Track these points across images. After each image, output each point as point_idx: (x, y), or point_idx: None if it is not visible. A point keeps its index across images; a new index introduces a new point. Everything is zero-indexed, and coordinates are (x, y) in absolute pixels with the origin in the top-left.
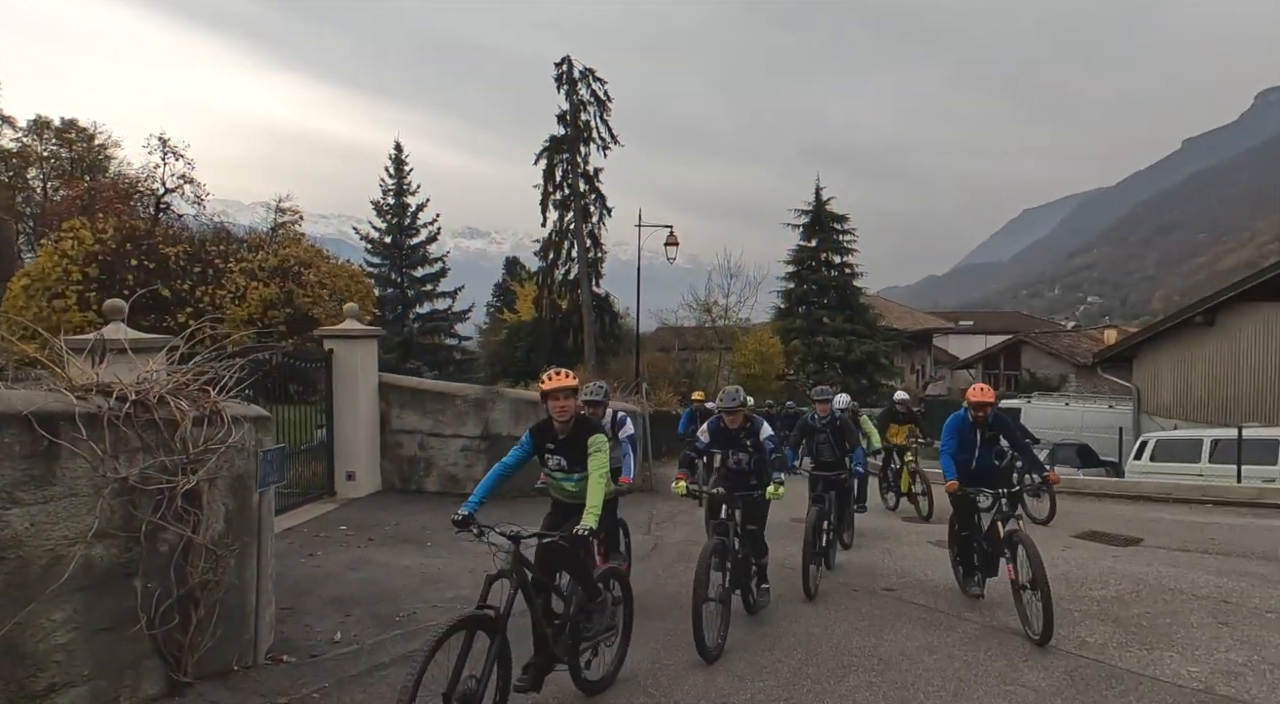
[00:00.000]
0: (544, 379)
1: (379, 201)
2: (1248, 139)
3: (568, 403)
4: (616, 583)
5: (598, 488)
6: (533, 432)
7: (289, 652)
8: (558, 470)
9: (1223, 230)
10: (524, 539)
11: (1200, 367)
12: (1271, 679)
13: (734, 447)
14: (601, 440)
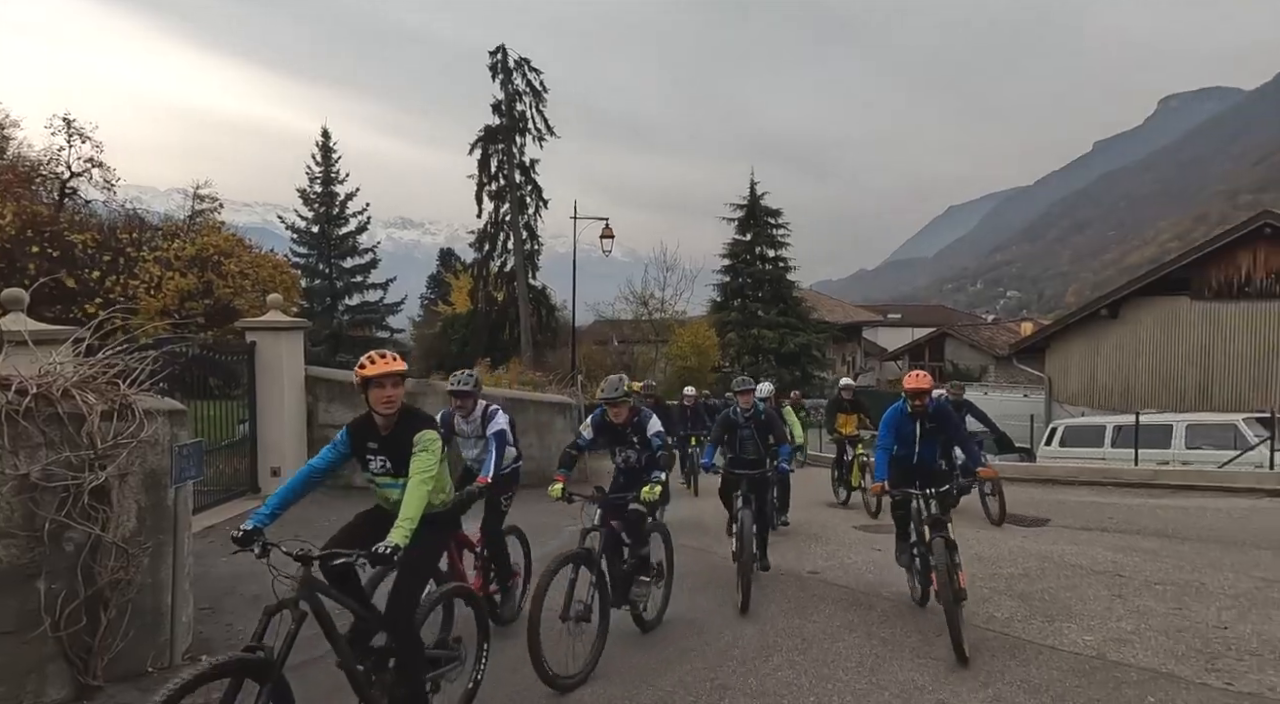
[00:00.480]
0: (363, 363)
1: (306, 190)
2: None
3: (393, 392)
4: (464, 603)
5: (414, 496)
6: (351, 428)
7: (209, 652)
8: (382, 475)
9: (1129, 228)
10: (317, 560)
11: (1105, 356)
12: (1155, 645)
13: (621, 443)
14: (430, 438)
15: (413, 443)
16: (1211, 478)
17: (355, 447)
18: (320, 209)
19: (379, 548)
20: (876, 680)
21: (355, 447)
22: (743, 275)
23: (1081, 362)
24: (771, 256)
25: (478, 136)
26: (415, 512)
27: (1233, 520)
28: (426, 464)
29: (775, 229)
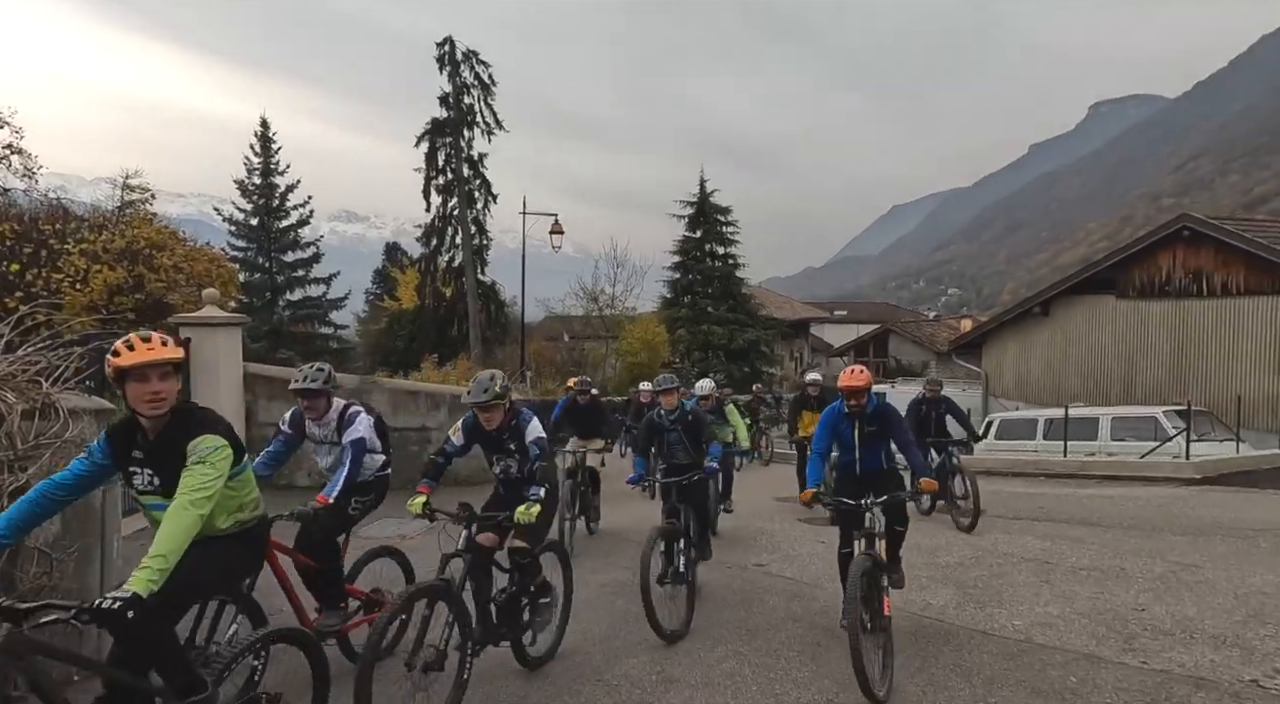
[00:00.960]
0: (117, 348)
1: (244, 181)
2: (1083, 146)
3: (161, 387)
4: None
5: (175, 525)
6: (110, 433)
7: None
8: (149, 493)
9: (1062, 229)
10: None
11: (1037, 352)
12: (1078, 627)
13: (498, 451)
14: (211, 446)
15: (186, 453)
16: (1133, 468)
17: (117, 456)
18: (259, 201)
19: (102, 600)
20: (818, 669)
21: (117, 456)
22: (693, 272)
23: (1016, 357)
24: (721, 254)
25: (425, 129)
26: (172, 546)
27: (1152, 508)
28: (201, 481)
29: (725, 226)
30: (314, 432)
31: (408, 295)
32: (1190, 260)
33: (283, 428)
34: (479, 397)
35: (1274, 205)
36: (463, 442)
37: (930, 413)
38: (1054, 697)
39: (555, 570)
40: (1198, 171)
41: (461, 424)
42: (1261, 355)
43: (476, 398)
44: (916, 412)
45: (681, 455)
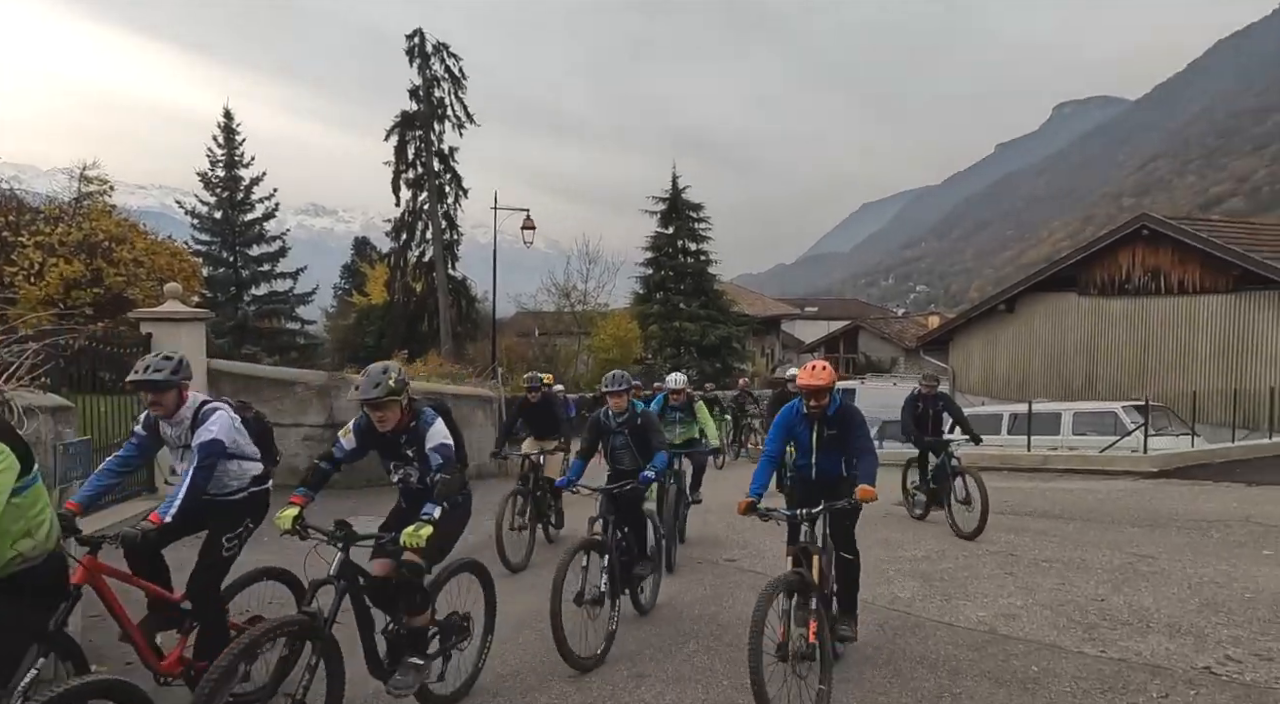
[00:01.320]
0: None
1: (207, 173)
2: (1047, 146)
3: None
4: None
5: None
6: None
7: (97, 661)
8: None
9: (1027, 228)
10: None
11: (1003, 349)
12: (1040, 618)
13: (395, 457)
14: None
15: None
16: (1094, 462)
17: None
18: (223, 194)
19: None
20: None
21: None
22: (665, 268)
23: (982, 354)
24: (693, 250)
25: (394, 122)
26: None
27: (1111, 501)
28: None
29: (697, 223)
30: (167, 432)
31: (377, 291)
32: (1149, 259)
33: (135, 429)
34: (368, 392)
35: (1229, 206)
36: (354, 445)
37: (927, 410)
38: (1016, 686)
39: (473, 594)
40: (1156, 172)
41: (353, 425)
42: (1215, 352)
43: (366, 394)
44: (913, 409)
45: (627, 461)
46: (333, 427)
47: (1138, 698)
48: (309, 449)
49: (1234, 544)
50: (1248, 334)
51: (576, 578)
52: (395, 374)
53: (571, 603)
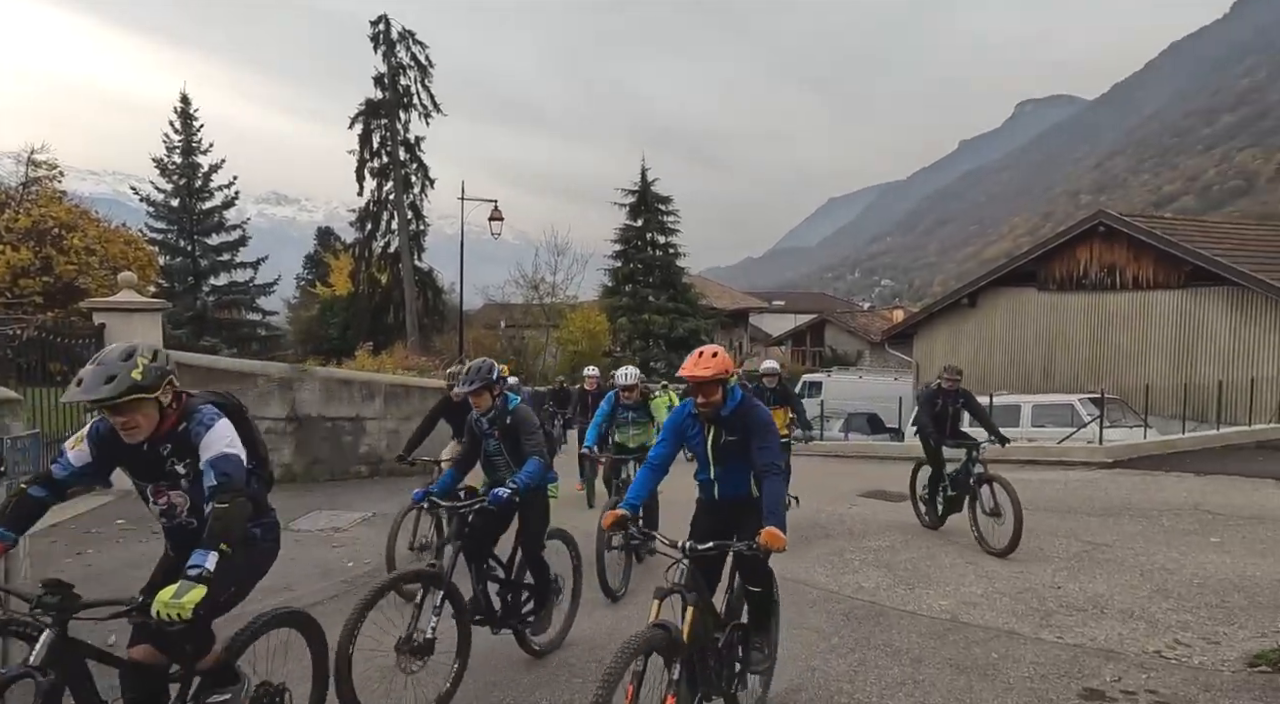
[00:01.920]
0: None
1: (163, 160)
2: (1009, 143)
3: None
4: None
5: None
6: None
7: None
8: None
9: (988, 223)
10: None
11: (965, 342)
12: (1000, 606)
13: (152, 478)
14: None
15: None
16: (1052, 453)
17: None
18: (180, 181)
19: None
20: None
21: None
22: (634, 261)
23: (945, 347)
24: (662, 243)
25: (359, 110)
26: None
27: (1069, 491)
28: None
29: (666, 216)
30: None
31: (341, 281)
32: (1105, 255)
33: None
34: (95, 391)
35: (1180, 204)
36: (88, 460)
37: (948, 407)
38: (977, 672)
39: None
40: (1113, 170)
41: (89, 430)
42: (1168, 346)
43: (91, 392)
44: (932, 405)
45: (503, 470)
46: (295, 420)
47: (1092, 682)
48: (270, 442)
49: (1184, 532)
50: (1198, 329)
51: (401, 619)
52: (145, 358)
53: (394, 650)
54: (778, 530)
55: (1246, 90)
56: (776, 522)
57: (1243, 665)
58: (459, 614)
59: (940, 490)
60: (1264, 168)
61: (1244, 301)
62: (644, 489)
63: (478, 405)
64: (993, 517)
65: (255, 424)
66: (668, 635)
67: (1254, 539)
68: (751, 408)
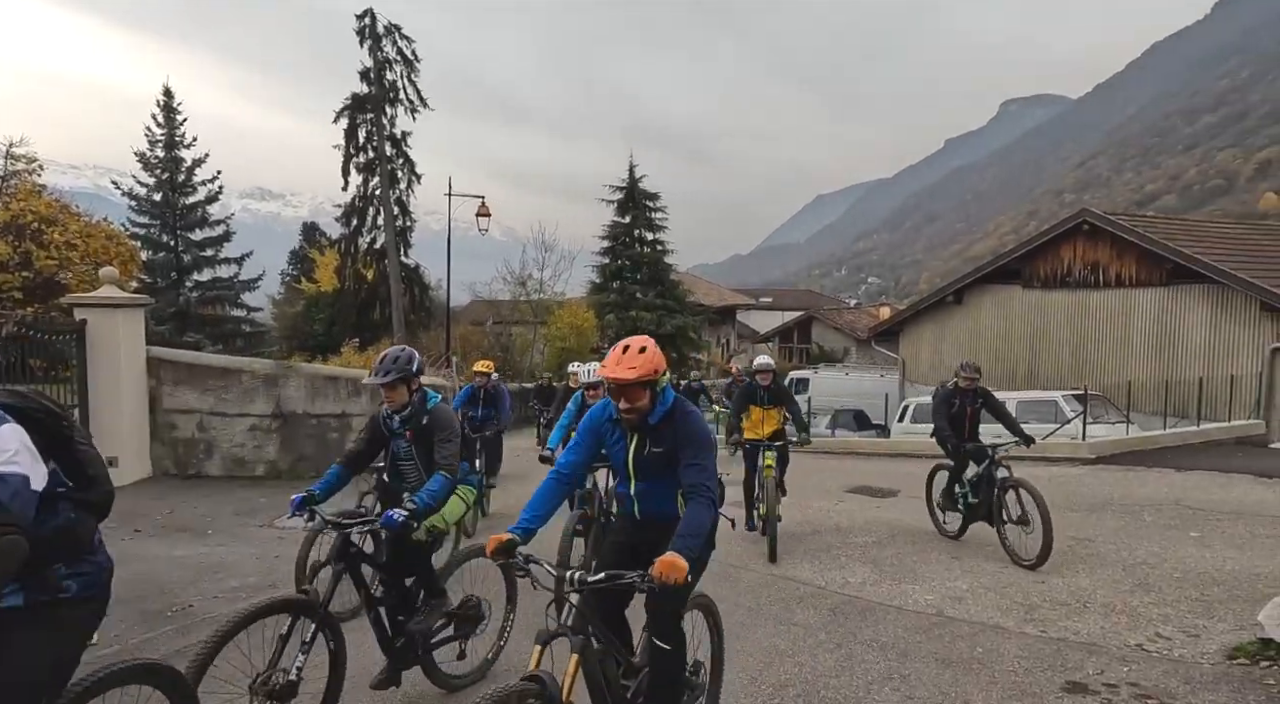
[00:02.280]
0: None
1: (145, 154)
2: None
3: None
4: None
5: None
6: None
7: None
8: None
9: (974, 221)
10: None
11: (951, 339)
12: (985, 600)
13: None
14: None
15: None
16: (1035, 449)
17: None
18: (163, 175)
19: None
20: (741, 647)
21: None
22: (622, 257)
23: (931, 344)
24: (650, 239)
25: (344, 105)
26: None
27: (1053, 486)
28: None
29: (654, 212)
30: None
31: (326, 277)
32: (1089, 253)
33: None
34: None
35: (1162, 203)
36: None
37: (964, 408)
38: (961, 666)
39: None
40: (1096, 169)
41: None
42: (1149, 343)
43: None
44: (948, 406)
45: (412, 479)
46: (280, 416)
47: (1075, 675)
48: (254, 439)
49: (1165, 527)
50: (1178, 326)
51: (260, 653)
52: None
53: (248, 692)
54: (678, 557)
55: (1226, 91)
56: (685, 547)
57: (1222, 658)
58: (333, 652)
59: (961, 498)
60: (1243, 168)
61: (1224, 299)
62: (543, 506)
63: (391, 400)
64: (1020, 525)
65: (82, 433)
66: (542, 691)
67: (1232, 533)
68: (685, 416)
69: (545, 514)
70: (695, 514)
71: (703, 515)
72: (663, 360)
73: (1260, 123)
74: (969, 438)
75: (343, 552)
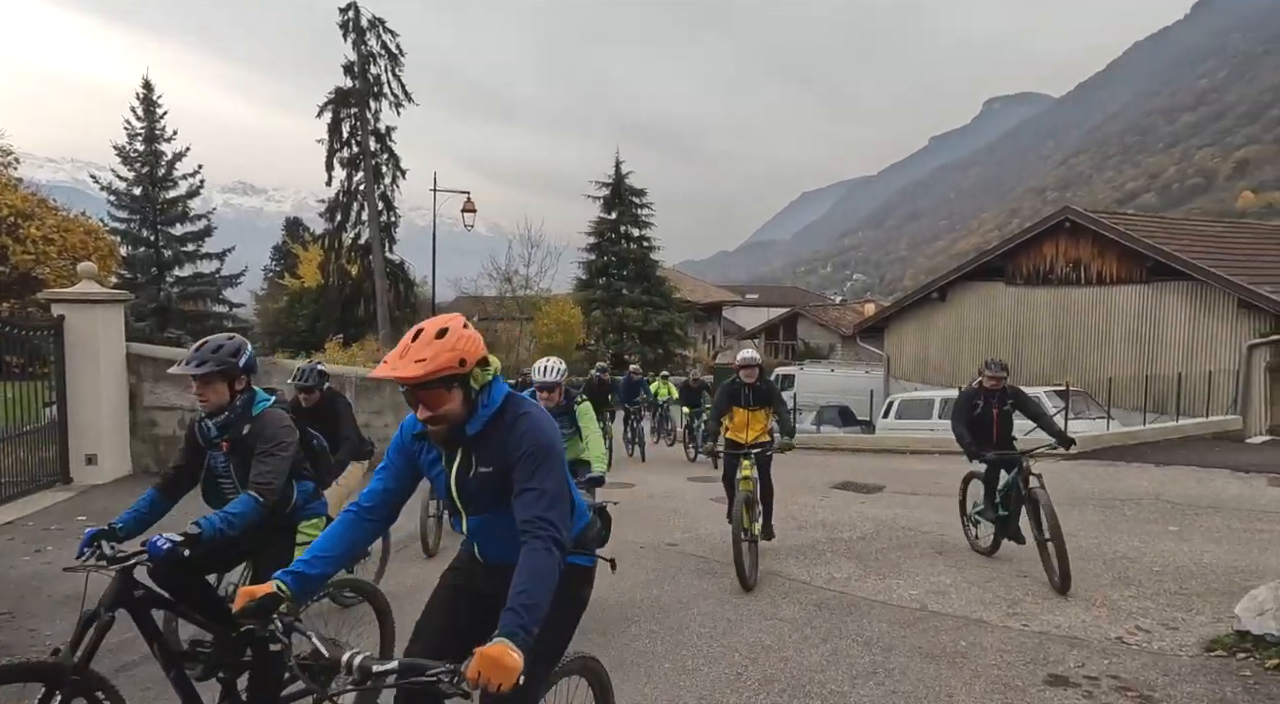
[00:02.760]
0: None
1: (125, 148)
2: (977, 140)
3: None
4: None
5: None
6: None
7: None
8: None
9: (958, 218)
10: None
11: (935, 335)
12: (969, 595)
13: None
14: None
15: None
16: (1018, 444)
17: None
18: (143, 169)
19: None
20: (728, 643)
21: None
22: (608, 254)
23: (915, 340)
24: (636, 236)
25: (328, 99)
26: None
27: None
28: None
29: (640, 209)
30: None
31: (310, 273)
32: (1071, 251)
33: None
34: None
35: (1142, 201)
36: None
37: (989, 411)
38: (945, 660)
39: None
40: (1078, 168)
41: None
42: (1130, 339)
43: None
44: (969, 410)
45: (231, 497)
46: None
47: (1057, 668)
48: None
49: (1144, 521)
50: (1158, 323)
51: None
52: None
53: None
54: (507, 649)
55: (1205, 90)
56: (517, 628)
57: (1199, 650)
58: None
59: (993, 511)
60: (1222, 166)
61: (1202, 296)
62: (334, 546)
63: (205, 400)
64: (1050, 542)
65: None
66: None
67: (1210, 528)
68: (517, 419)
69: (335, 558)
70: (531, 568)
71: (542, 567)
72: (476, 344)
73: (1238, 122)
74: (997, 444)
75: (122, 594)
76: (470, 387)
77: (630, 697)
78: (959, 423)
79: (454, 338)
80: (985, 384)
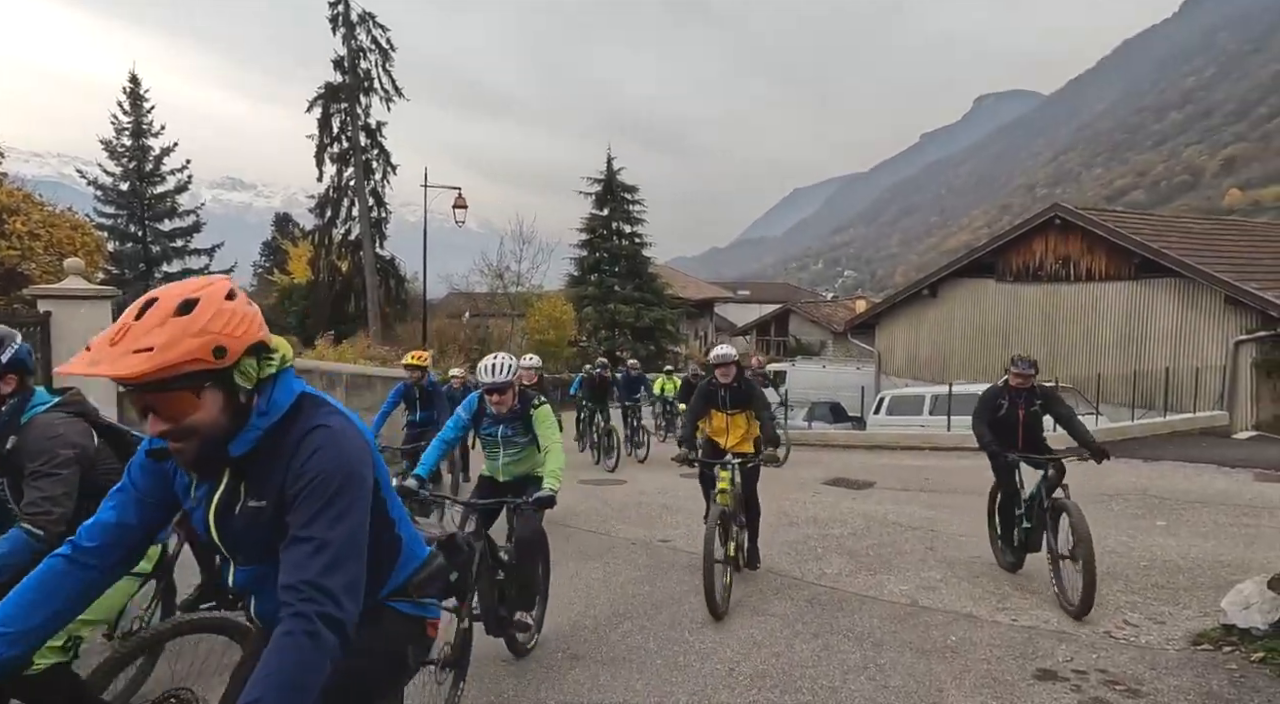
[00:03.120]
0: None
1: (111, 142)
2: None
3: None
4: None
5: None
6: None
7: None
8: None
9: (949, 215)
10: None
11: (926, 332)
12: (958, 590)
13: None
14: None
15: None
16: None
17: None
18: (130, 164)
19: None
20: (720, 639)
21: None
22: (600, 250)
23: (906, 337)
24: (628, 232)
25: (318, 93)
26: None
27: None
28: None
29: (632, 205)
30: None
31: (300, 269)
32: (1060, 247)
33: None
34: None
35: (1131, 198)
36: None
37: (1014, 411)
38: (935, 655)
39: None
40: (1067, 165)
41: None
42: (1118, 336)
43: None
44: (992, 410)
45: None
46: None
47: (1046, 662)
48: None
49: (1132, 516)
50: (1146, 319)
51: None
52: None
53: None
54: None
55: (1193, 89)
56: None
57: (1186, 644)
58: None
59: (1016, 522)
60: (1209, 164)
61: (1190, 293)
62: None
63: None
64: (1071, 560)
65: None
66: None
67: (1197, 522)
68: (309, 433)
69: (34, 631)
70: (277, 667)
71: (291, 665)
72: (245, 323)
73: (1225, 121)
74: (1024, 447)
75: None
76: (237, 387)
77: (622, 693)
78: (980, 422)
79: (205, 315)
80: (1012, 382)
